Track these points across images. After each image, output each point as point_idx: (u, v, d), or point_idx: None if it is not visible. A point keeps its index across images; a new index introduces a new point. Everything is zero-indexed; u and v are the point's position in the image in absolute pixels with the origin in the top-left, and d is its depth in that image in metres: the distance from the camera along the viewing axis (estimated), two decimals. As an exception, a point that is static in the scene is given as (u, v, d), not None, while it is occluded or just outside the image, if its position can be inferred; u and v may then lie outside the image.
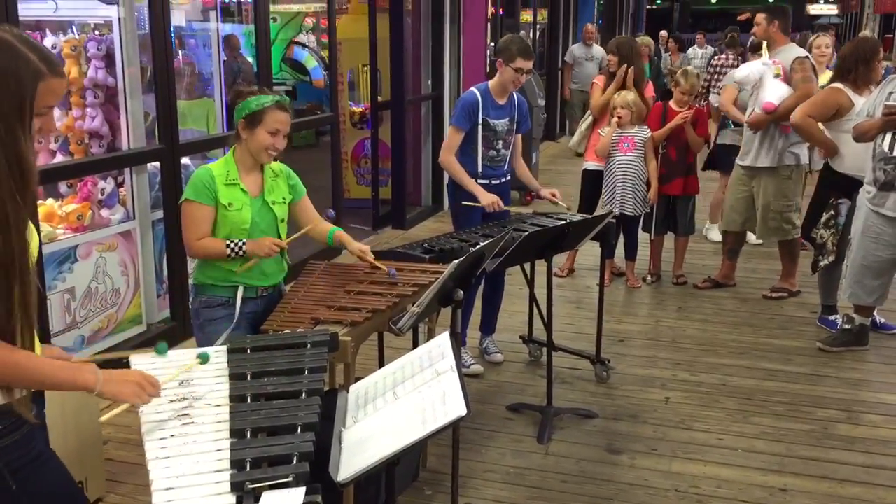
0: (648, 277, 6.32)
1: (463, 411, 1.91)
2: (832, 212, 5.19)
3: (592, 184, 6.24)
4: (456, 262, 2.87)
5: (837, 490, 3.47)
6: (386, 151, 8.13)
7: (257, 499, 1.69)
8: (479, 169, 4.53)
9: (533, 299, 4.51)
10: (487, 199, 4.41)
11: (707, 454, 3.77)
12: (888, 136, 4.51)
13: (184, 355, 2.37)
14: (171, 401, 2.14)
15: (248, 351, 2.42)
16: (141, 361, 2.31)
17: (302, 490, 1.72)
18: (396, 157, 7.99)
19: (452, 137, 4.50)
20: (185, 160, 5.06)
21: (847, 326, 4.97)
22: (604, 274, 4.85)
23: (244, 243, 3.06)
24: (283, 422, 1.99)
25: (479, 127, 4.47)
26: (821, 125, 5.23)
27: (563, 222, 4.07)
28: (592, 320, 4.82)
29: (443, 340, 2.35)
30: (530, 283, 4.44)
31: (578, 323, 5.39)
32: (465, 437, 3.62)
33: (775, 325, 5.44)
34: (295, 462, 1.82)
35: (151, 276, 4.96)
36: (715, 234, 7.21)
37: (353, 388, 2.34)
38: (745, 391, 4.42)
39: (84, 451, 3.32)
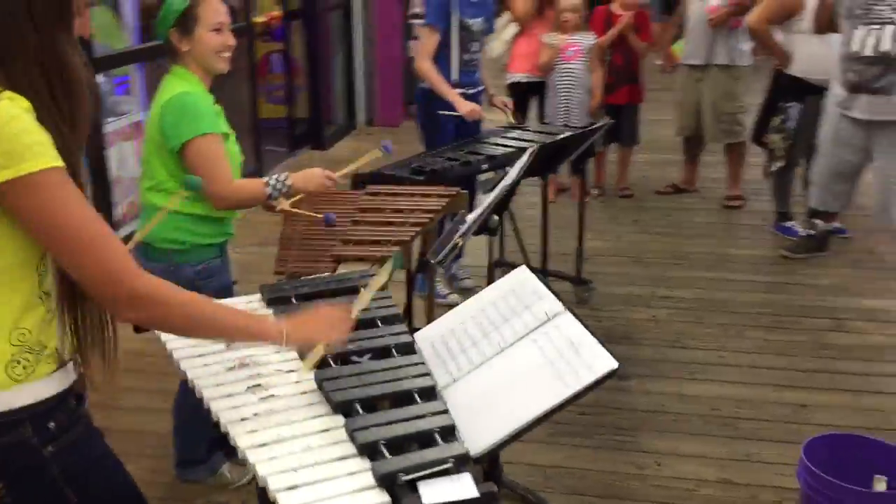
0: (594, 191, 6.13)
1: (613, 364, 1.61)
2: (782, 116, 5.09)
3: (522, 97, 5.91)
4: (500, 186, 2.52)
5: (856, 402, 3.40)
6: (296, 66, 7.52)
7: (415, 491, 1.35)
8: (455, 76, 4.12)
9: (512, 219, 4.21)
10: (466, 108, 4.04)
11: (713, 373, 3.64)
12: (858, 37, 4.40)
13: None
14: (229, 368, 1.75)
15: (294, 300, 2.02)
16: None
17: (468, 476, 1.39)
18: (313, 72, 7.40)
19: (428, 39, 4.06)
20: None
21: (811, 232, 4.94)
22: (547, 191, 4.56)
23: (287, 177, 2.57)
24: (394, 389, 1.64)
25: (454, 27, 4.05)
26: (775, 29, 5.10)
27: (565, 134, 3.76)
28: (560, 241, 4.60)
29: (525, 276, 2.03)
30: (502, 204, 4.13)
31: (535, 241, 5.14)
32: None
33: (732, 235, 5.38)
34: (441, 441, 1.47)
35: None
36: None
37: (419, 336, 1.99)
38: (727, 304, 4.32)
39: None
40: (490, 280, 2.75)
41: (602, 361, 1.61)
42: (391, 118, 8.42)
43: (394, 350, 1.80)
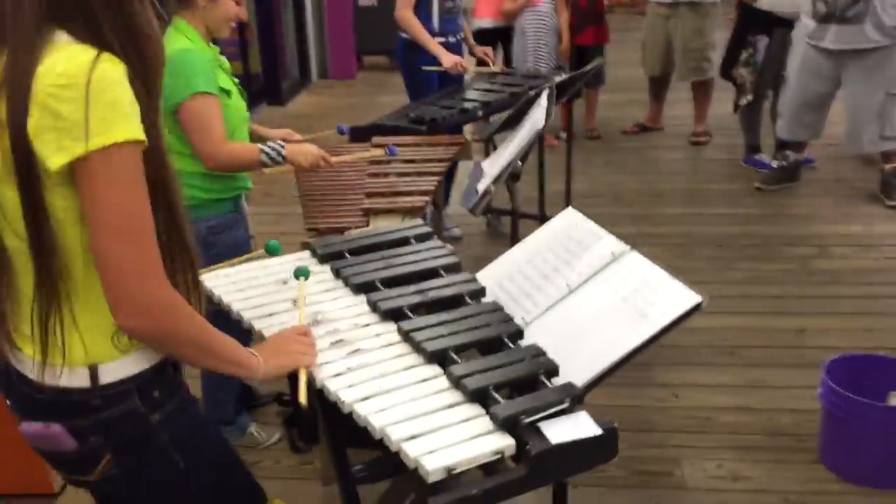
0: (562, 134, 6.14)
1: (697, 298, 1.65)
2: (750, 49, 5.17)
3: (488, 43, 5.85)
4: (527, 131, 2.51)
5: (851, 324, 3.53)
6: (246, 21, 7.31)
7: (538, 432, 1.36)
8: (436, 25, 4.06)
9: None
10: (450, 61, 3.98)
11: (713, 305, 3.67)
12: None
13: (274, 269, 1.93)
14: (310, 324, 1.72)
15: (348, 255, 2.00)
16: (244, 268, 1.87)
17: (585, 414, 1.41)
18: (264, 26, 7.21)
19: None
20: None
21: (783, 163, 5.06)
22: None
23: (282, 146, 2.50)
24: (484, 336, 1.64)
25: None
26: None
27: (564, 76, 3.75)
28: (529, 184, 4.61)
29: (577, 217, 2.05)
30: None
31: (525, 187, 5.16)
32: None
33: (704, 170, 5.48)
34: (549, 383, 1.49)
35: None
36: None
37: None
38: (712, 238, 4.41)
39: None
40: (514, 227, 2.76)
41: (684, 295, 1.65)
42: (345, 70, 8.29)
43: (466, 297, 1.80)
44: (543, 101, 2.59)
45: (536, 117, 2.51)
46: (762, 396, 3.09)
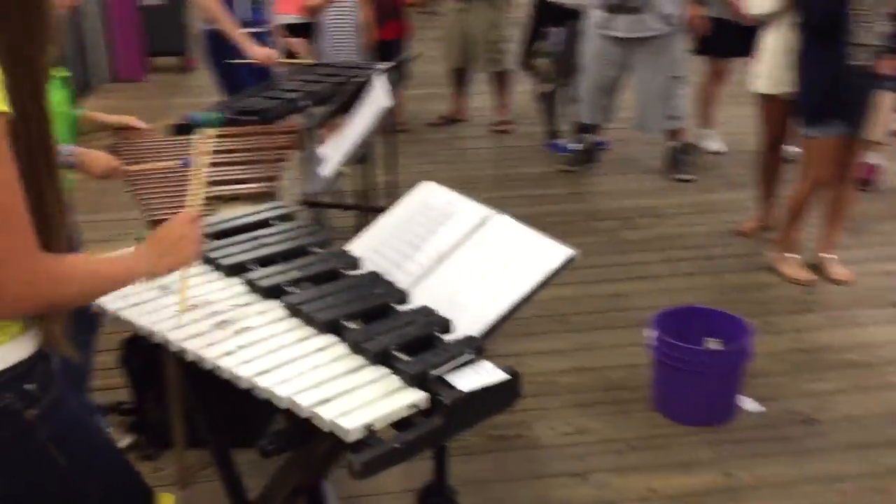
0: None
1: (570, 251, 1.76)
2: (546, 40, 5.49)
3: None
4: (371, 114, 2.54)
5: (660, 285, 3.85)
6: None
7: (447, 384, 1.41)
8: (247, 14, 3.97)
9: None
10: (261, 54, 3.93)
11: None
12: None
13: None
14: (181, 312, 1.67)
15: (212, 239, 1.95)
16: None
17: (488, 363, 1.47)
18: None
19: None
20: None
21: (581, 146, 5.40)
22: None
23: (78, 153, 2.42)
24: (372, 302, 1.66)
25: None
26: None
27: (390, 64, 3.79)
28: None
29: (433, 188, 2.12)
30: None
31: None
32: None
33: (510, 157, 5.73)
34: (444, 338, 1.54)
35: None
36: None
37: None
38: (525, 218, 4.51)
39: None
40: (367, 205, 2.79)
41: (557, 250, 1.75)
42: (133, 73, 7.91)
43: (345, 270, 1.81)
44: (380, 83, 2.63)
45: (378, 99, 2.55)
46: (594, 357, 3.31)
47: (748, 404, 2.99)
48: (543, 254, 1.75)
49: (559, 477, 2.68)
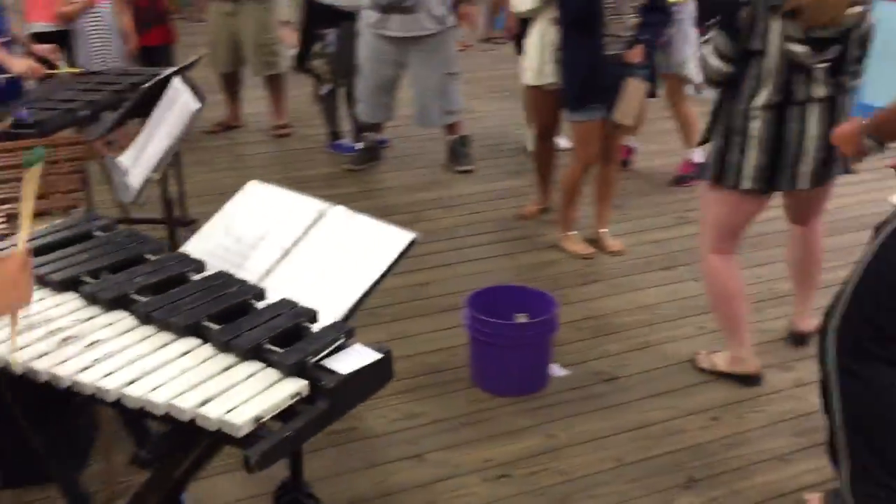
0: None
1: (411, 235, 1.84)
2: (321, 42, 5.53)
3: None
4: (181, 121, 2.47)
5: (460, 270, 4.04)
6: None
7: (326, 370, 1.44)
8: None
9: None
10: (22, 66, 3.66)
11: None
12: None
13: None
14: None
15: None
16: None
17: (361, 345, 1.52)
18: None
19: None
20: None
21: (364, 145, 5.49)
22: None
23: None
24: (231, 301, 1.64)
25: None
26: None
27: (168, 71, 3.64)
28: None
29: (262, 188, 2.13)
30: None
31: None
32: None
33: (296, 160, 5.68)
34: (314, 328, 1.56)
35: None
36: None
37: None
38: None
39: None
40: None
41: (399, 235, 1.83)
42: None
43: (189, 273, 1.77)
44: (180, 85, 2.57)
45: (183, 103, 2.49)
46: (410, 345, 3.42)
47: (556, 371, 3.22)
48: (387, 239, 1.82)
49: (397, 461, 2.76)
